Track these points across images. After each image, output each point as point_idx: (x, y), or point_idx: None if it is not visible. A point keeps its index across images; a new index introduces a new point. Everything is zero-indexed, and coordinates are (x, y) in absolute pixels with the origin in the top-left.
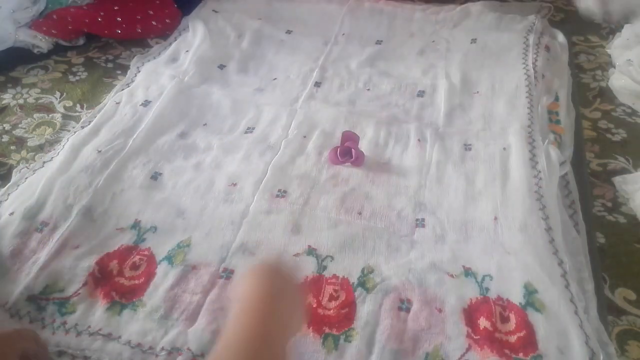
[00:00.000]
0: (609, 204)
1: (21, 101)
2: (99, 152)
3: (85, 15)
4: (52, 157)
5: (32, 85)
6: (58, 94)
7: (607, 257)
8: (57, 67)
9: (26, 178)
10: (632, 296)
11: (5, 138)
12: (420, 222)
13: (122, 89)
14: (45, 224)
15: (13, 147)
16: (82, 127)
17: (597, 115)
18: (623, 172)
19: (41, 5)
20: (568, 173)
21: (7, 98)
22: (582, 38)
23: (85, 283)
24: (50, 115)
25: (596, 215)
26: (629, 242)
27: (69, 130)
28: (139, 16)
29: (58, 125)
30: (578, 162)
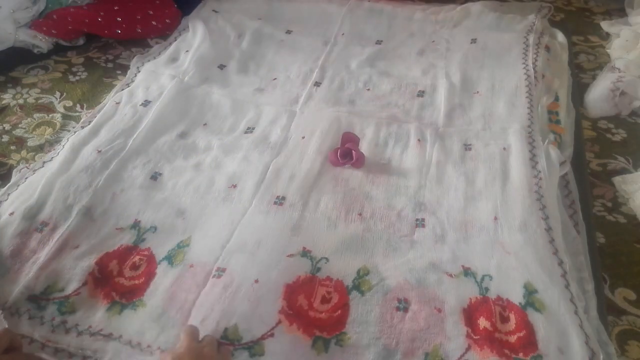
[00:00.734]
0: (609, 204)
1: (21, 101)
2: (99, 152)
3: (85, 15)
4: (52, 157)
5: (32, 85)
6: (58, 94)
7: (607, 257)
8: (57, 67)
9: (26, 178)
10: (632, 296)
11: (5, 138)
12: (420, 222)
13: (122, 89)
14: (45, 224)
15: (13, 147)
16: (82, 127)
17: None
18: (623, 172)
19: (41, 5)
20: (568, 173)
21: (7, 98)
22: (582, 38)
23: (85, 283)
24: (50, 115)
25: (596, 215)
26: (629, 242)
27: (69, 130)
28: (139, 16)
29: (58, 125)
30: (578, 162)
